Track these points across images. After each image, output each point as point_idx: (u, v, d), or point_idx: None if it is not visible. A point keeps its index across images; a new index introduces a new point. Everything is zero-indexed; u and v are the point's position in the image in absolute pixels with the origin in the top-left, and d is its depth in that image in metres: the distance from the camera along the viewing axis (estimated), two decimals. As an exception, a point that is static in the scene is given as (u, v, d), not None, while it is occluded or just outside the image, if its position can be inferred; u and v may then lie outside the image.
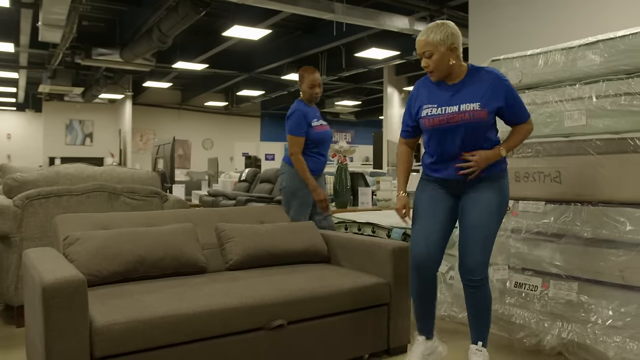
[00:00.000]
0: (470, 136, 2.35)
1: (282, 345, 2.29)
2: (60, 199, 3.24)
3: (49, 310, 1.81)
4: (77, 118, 15.92)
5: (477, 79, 2.36)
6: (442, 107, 2.37)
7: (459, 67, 2.37)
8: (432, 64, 2.34)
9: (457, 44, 2.33)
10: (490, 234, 2.35)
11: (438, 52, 2.31)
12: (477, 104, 2.31)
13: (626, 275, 2.50)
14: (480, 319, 2.43)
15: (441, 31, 2.29)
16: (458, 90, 2.36)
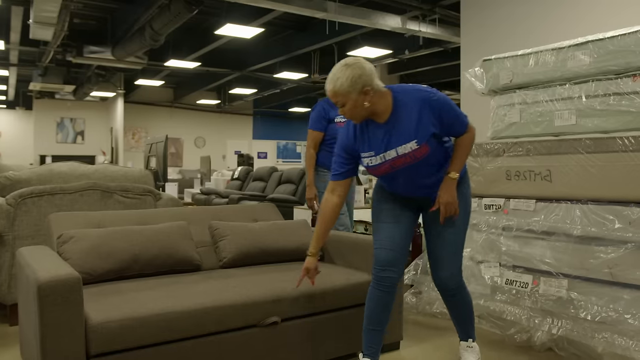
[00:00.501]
0: (423, 170, 2.21)
1: (276, 343, 2.31)
2: (53, 197, 3.24)
3: (44, 308, 1.82)
4: (68, 116, 15.82)
5: (405, 110, 2.14)
6: (381, 155, 2.19)
7: (382, 104, 2.14)
8: (347, 113, 2.13)
9: (369, 84, 2.07)
10: (459, 246, 2.32)
11: (350, 100, 2.08)
12: (414, 142, 2.13)
13: (615, 272, 2.55)
14: (464, 318, 2.43)
15: (347, 77, 2.04)
16: (390, 131, 2.16)
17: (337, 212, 2.30)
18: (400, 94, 2.16)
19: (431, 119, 2.12)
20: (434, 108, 2.12)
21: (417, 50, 9.02)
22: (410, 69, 10.94)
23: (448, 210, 2.22)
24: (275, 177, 7.46)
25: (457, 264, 2.31)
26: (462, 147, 2.23)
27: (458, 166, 2.23)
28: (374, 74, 2.10)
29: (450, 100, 2.18)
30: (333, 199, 2.30)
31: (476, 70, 3.36)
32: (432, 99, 2.12)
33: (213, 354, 2.15)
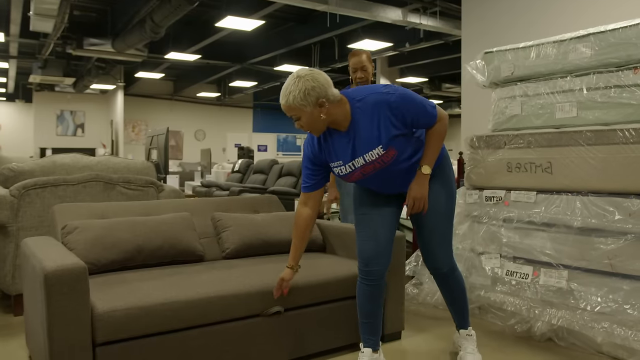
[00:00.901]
0: (396, 169, 2.15)
1: (279, 332, 2.34)
2: (56, 188, 3.26)
3: (50, 298, 1.84)
4: (68, 109, 15.81)
5: (364, 117, 2.06)
6: (349, 164, 2.13)
7: (341, 113, 2.06)
8: (305, 127, 2.07)
9: (323, 95, 1.99)
10: (447, 232, 2.29)
11: (305, 114, 2.02)
12: (379, 148, 2.06)
13: (614, 263, 2.57)
14: (458, 303, 2.42)
15: (299, 89, 1.97)
16: (352, 139, 2.09)
17: (310, 223, 2.27)
18: (356, 101, 2.07)
19: (392, 121, 2.04)
20: (393, 109, 2.03)
21: (417, 43, 9.01)
22: (411, 62, 10.93)
23: (417, 206, 2.14)
24: (275, 170, 7.48)
25: (446, 250, 2.30)
26: (433, 139, 2.14)
27: (430, 159, 2.14)
28: (328, 84, 2.01)
29: (411, 94, 2.08)
30: (305, 210, 2.26)
31: (477, 63, 3.37)
32: (389, 101, 2.03)
33: (217, 343, 2.17)
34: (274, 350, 2.33)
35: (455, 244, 3.25)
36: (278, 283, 2.28)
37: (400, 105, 2.03)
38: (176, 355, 2.07)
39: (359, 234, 2.27)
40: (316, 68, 11.10)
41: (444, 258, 2.30)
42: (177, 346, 2.07)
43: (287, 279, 2.28)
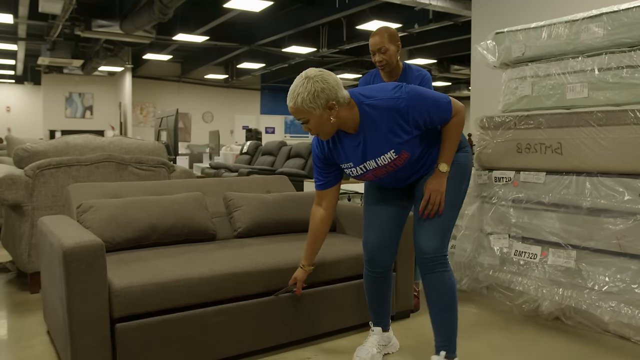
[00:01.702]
0: (409, 167, 2.06)
1: (292, 311, 2.38)
2: (70, 169, 3.30)
3: (69, 274, 1.88)
4: (77, 91, 15.85)
5: (374, 121, 1.96)
6: (360, 166, 2.05)
7: (350, 117, 1.96)
8: (312, 130, 1.96)
9: (333, 97, 1.89)
10: (443, 217, 2.05)
11: (313, 117, 1.91)
12: (392, 152, 1.98)
13: (623, 243, 2.59)
14: (442, 312, 2.04)
15: (308, 91, 1.86)
16: (363, 142, 2.00)
17: (326, 224, 2.19)
18: (365, 104, 1.97)
19: (403, 126, 1.95)
20: (403, 114, 1.93)
21: (426, 24, 8.93)
22: (420, 43, 10.85)
23: (433, 198, 2.02)
24: (284, 152, 7.50)
25: (435, 234, 2.03)
26: (449, 135, 2.04)
27: (448, 156, 2.05)
28: (338, 86, 1.91)
29: (423, 93, 1.97)
30: (319, 211, 2.18)
31: (488, 43, 3.36)
32: (399, 107, 1.93)
33: (231, 319, 2.22)
34: (287, 328, 2.37)
35: (464, 224, 3.28)
36: (291, 282, 2.28)
37: (411, 109, 1.93)
38: (192, 331, 2.12)
39: (365, 227, 2.23)
40: (324, 49, 11.06)
41: (430, 241, 2.02)
42: (193, 322, 2.12)
43: (299, 279, 2.27)
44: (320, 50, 10.99)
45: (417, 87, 1.99)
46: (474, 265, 3.23)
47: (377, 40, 2.80)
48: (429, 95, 1.99)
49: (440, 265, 2.03)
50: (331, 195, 2.18)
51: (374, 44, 2.81)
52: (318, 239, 2.22)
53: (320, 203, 2.20)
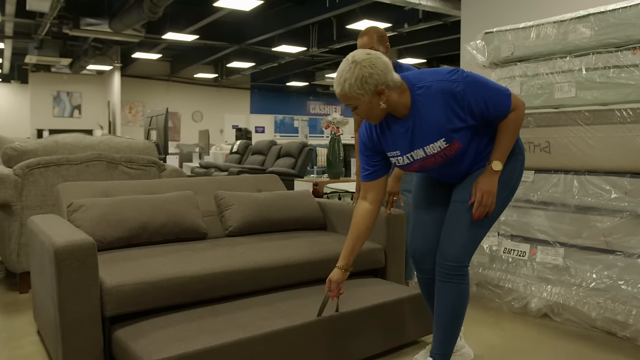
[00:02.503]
0: (460, 161, 1.94)
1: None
2: (59, 168, 3.29)
3: (61, 272, 1.88)
4: (65, 90, 15.72)
5: (426, 106, 1.84)
6: (407, 155, 1.93)
7: (401, 101, 1.85)
8: (362, 114, 1.87)
9: (382, 82, 1.78)
10: (474, 224, 1.92)
11: (362, 103, 1.82)
12: (442, 141, 1.86)
13: (610, 241, 2.63)
14: (444, 323, 1.97)
15: (356, 77, 1.77)
16: (412, 129, 1.88)
17: (370, 220, 2.02)
18: (417, 88, 1.86)
19: (457, 112, 1.82)
20: (458, 100, 1.80)
21: (416, 24, 8.97)
22: (409, 43, 10.89)
23: (485, 200, 1.88)
24: (274, 151, 7.50)
25: (464, 242, 1.92)
26: (505, 131, 1.88)
27: (501, 154, 1.89)
28: (387, 69, 1.80)
29: (483, 81, 1.84)
30: (364, 205, 2.02)
31: (477, 43, 3.39)
32: (455, 90, 1.80)
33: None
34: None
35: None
36: (327, 284, 2.06)
37: (468, 94, 1.80)
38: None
39: (410, 231, 2.16)
40: (314, 49, 11.06)
41: (455, 249, 1.92)
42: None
43: (334, 280, 2.04)
44: (310, 49, 10.99)
45: (475, 73, 1.86)
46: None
47: (366, 41, 2.76)
48: (487, 83, 1.86)
49: (458, 276, 1.93)
50: (378, 188, 2.03)
51: (362, 45, 2.77)
52: (360, 236, 2.02)
53: (365, 197, 2.04)
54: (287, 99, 18.40)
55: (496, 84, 1.88)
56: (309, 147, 6.98)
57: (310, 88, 18.07)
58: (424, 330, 2.46)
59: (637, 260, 2.52)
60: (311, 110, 19.02)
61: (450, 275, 1.94)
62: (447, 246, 1.94)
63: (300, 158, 6.87)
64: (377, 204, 2.03)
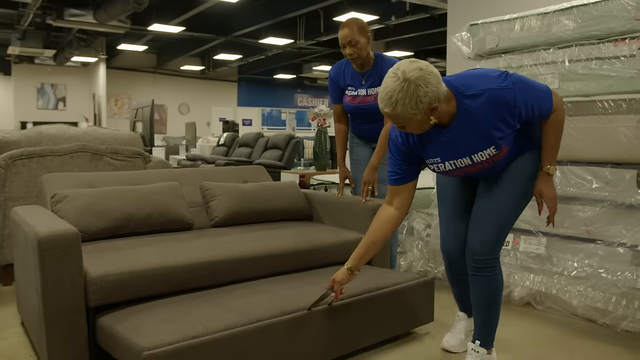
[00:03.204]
0: (503, 162, 1.90)
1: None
2: (43, 159, 3.26)
3: (44, 263, 1.87)
4: (49, 82, 15.52)
5: (474, 116, 1.76)
6: (449, 162, 1.87)
7: (447, 112, 1.76)
8: (409, 131, 1.78)
9: (435, 99, 1.67)
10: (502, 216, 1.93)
11: (414, 122, 1.71)
12: (492, 149, 1.80)
13: (591, 230, 2.67)
14: (480, 310, 2.00)
15: (410, 97, 1.64)
16: (457, 137, 1.81)
17: (392, 227, 1.94)
18: (464, 96, 1.76)
19: (507, 119, 1.75)
20: (510, 107, 1.74)
21: (403, 17, 8.98)
22: (396, 36, 10.90)
23: (553, 206, 1.92)
24: (261, 143, 7.49)
25: (494, 235, 1.93)
26: (552, 133, 1.86)
27: (552, 157, 1.88)
28: (439, 83, 1.68)
29: (528, 82, 1.79)
30: (388, 210, 1.95)
31: (463, 35, 3.41)
32: (507, 98, 1.72)
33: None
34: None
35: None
36: (329, 283, 2.00)
37: (519, 101, 1.74)
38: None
39: (441, 229, 2.16)
40: (301, 41, 11.01)
41: (485, 243, 1.93)
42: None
43: (338, 281, 1.97)
44: (298, 41, 10.96)
45: (521, 76, 1.79)
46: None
47: (346, 33, 2.75)
48: (532, 84, 1.80)
49: (489, 269, 1.95)
50: (406, 193, 1.94)
51: (343, 37, 2.76)
52: (376, 242, 1.94)
53: (391, 201, 1.95)
54: (274, 91, 18.35)
55: (538, 83, 1.83)
56: (296, 139, 6.98)
57: (297, 81, 18.03)
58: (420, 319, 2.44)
59: (617, 249, 2.57)
60: (299, 103, 19.00)
61: (481, 268, 1.95)
62: (477, 241, 1.94)
63: (287, 150, 6.87)
64: (404, 210, 1.95)
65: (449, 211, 2.13)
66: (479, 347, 2.01)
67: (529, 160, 1.93)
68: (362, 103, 2.92)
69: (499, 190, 1.93)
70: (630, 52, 2.63)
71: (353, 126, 3.10)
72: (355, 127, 3.09)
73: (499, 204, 1.92)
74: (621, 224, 2.57)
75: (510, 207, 1.93)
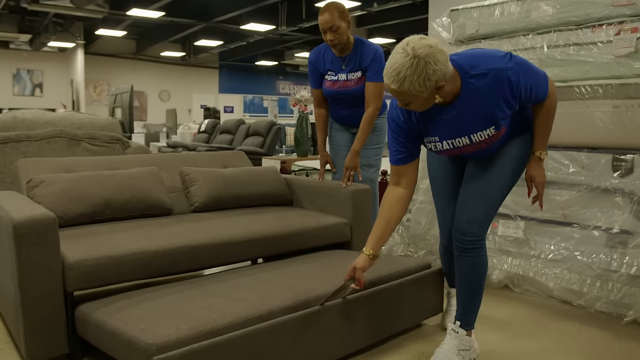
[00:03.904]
0: (496, 145, 1.92)
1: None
2: (19, 144, 3.20)
3: (20, 248, 1.84)
4: (25, 67, 15.20)
5: (478, 95, 1.76)
6: (448, 141, 1.87)
7: (451, 91, 1.75)
8: (414, 108, 1.76)
9: (442, 77, 1.65)
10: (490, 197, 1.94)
11: (419, 99, 1.69)
12: (492, 129, 1.81)
13: (567, 213, 2.71)
14: (464, 291, 2.01)
15: (418, 74, 1.61)
16: (458, 116, 1.81)
17: (403, 206, 1.93)
18: (469, 75, 1.75)
19: (509, 100, 1.77)
20: (513, 88, 1.75)
21: (385, 3, 8.96)
22: (379, 22, 10.88)
23: (541, 190, 1.96)
24: (242, 130, 7.45)
25: (481, 216, 1.93)
26: (544, 119, 1.89)
27: (544, 142, 1.92)
28: (447, 61, 1.66)
29: (530, 66, 1.81)
30: (398, 191, 1.93)
31: (443, 20, 3.41)
32: (511, 79, 1.73)
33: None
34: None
35: (418, 197, 3.36)
36: (350, 272, 1.93)
37: (521, 82, 1.75)
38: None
39: (437, 213, 2.19)
40: (283, 27, 10.93)
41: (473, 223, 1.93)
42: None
43: (360, 267, 1.91)
44: (280, 28, 10.88)
45: (523, 59, 1.80)
46: (429, 237, 3.32)
47: (327, 18, 2.72)
48: (532, 67, 1.81)
49: (476, 250, 1.95)
50: (411, 172, 1.94)
51: (324, 22, 2.73)
52: (391, 222, 1.92)
53: (398, 182, 1.94)
54: (256, 78, 18.22)
55: (537, 68, 1.84)
56: (277, 126, 6.95)
57: (279, 67, 17.93)
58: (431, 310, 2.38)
59: (592, 232, 2.62)
60: (281, 90, 18.90)
61: (468, 249, 1.96)
62: (465, 220, 1.94)
63: (269, 137, 6.85)
64: (412, 188, 1.94)
65: (442, 196, 2.15)
66: (458, 328, 2.03)
67: (518, 143, 1.95)
68: (342, 88, 2.92)
69: (488, 171, 1.95)
70: (607, 38, 2.66)
71: (332, 111, 3.10)
72: (335, 112, 3.09)
73: (487, 184, 1.94)
74: (596, 208, 2.62)
75: (498, 188, 1.94)
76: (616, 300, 2.49)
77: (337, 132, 3.13)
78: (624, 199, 2.54)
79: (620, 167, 2.57)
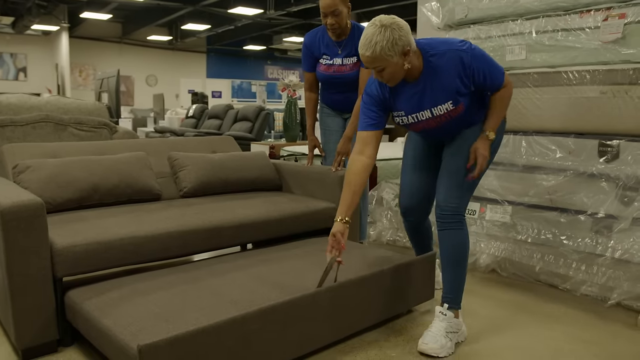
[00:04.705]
0: (457, 122, 2.11)
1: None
2: (4, 129, 3.15)
3: (8, 234, 1.83)
4: (8, 51, 14.93)
5: (437, 71, 2.00)
6: (412, 115, 2.10)
7: (416, 66, 2.00)
8: (385, 77, 1.97)
9: (407, 43, 1.91)
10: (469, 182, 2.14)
11: (390, 64, 1.92)
12: (449, 104, 2.03)
13: (554, 198, 2.75)
14: (448, 267, 2.13)
15: (387, 39, 1.87)
16: (421, 91, 2.04)
17: (366, 175, 2.08)
18: (429, 55, 2.00)
19: (464, 79, 2.00)
20: (466, 67, 1.98)
21: (374, -13, 8.90)
22: (368, 7, 10.82)
23: (481, 162, 2.09)
24: (231, 115, 7.40)
25: (459, 192, 2.12)
26: (498, 104, 2.11)
27: (494, 124, 2.12)
28: (409, 32, 1.93)
29: (485, 54, 2.03)
30: (361, 160, 2.08)
31: (433, 5, 3.40)
32: (463, 58, 1.97)
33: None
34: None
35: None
36: (330, 241, 2.01)
37: (473, 63, 1.98)
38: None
39: (401, 189, 2.37)
40: (271, 11, 10.82)
41: (451, 198, 2.11)
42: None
43: (337, 232, 2.00)
44: (268, 11, 10.78)
45: (482, 51, 2.04)
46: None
47: (329, 2, 2.72)
48: (487, 57, 2.05)
49: (456, 223, 2.12)
50: (375, 142, 2.11)
51: (326, 6, 2.72)
52: (357, 191, 2.06)
53: (362, 151, 2.08)
54: (244, 63, 18.08)
55: (495, 62, 2.07)
56: (266, 111, 6.92)
57: (267, 52, 17.79)
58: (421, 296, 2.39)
59: (578, 217, 2.65)
60: (269, 75, 18.78)
61: (448, 223, 2.12)
62: (445, 197, 2.13)
63: (258, 122, 6.82)
64: (374, 159, 2.11)
65: (408, 174, 2.34)
66: (446, 310, 2.10)
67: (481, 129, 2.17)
68: (337, 72, 2.91)
69: (460, 151, 2.15)
70: (595, 23, 2.67)
71: (324, 95, 3.09)
72: (327, 96, 3.07)
73: (458, 162, 2.15)
74: (582, 193, 2.65)
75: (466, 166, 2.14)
76: (601, 284, 2.53)
77: (328, 117, 3.12)
78: (610, 184, 2.57)
79: (607, 152, 2.60)
